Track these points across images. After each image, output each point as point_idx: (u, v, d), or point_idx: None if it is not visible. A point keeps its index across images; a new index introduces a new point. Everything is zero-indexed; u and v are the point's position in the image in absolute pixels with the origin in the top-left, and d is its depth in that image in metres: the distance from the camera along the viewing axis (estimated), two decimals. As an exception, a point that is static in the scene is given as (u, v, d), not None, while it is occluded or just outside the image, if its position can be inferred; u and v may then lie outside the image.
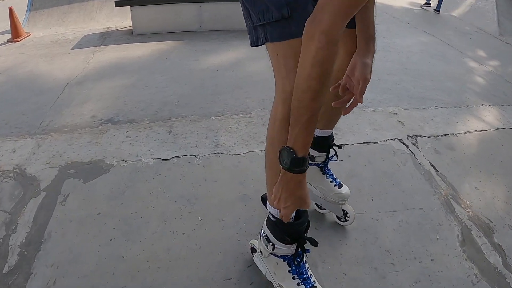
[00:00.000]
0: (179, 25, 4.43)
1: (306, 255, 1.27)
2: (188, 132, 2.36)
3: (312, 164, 1.53)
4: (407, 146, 2.25)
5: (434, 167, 2.07)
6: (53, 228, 1.63)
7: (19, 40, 4.29)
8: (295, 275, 1.25)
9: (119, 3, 4.37)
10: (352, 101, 1.26)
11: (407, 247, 1.56)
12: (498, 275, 1.46)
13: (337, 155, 1.59)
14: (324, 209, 1.69)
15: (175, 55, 3.72)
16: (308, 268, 1.28)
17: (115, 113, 2.59)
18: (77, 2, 5.12)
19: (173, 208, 1.75)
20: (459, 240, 1.61)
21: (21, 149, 2.18)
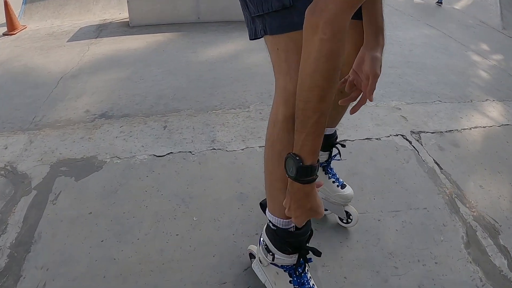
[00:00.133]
0: (177, 16, 4.34)
1: (308, 264, 1.19)
2: (183, 127, 2.29)
3: None
4: (411, 142, 2.18)
5: (438, 164, 2.00)
6: (44, 228, 1.58)
7: (15, 33, 4.20)
8: (297, 286, 1.19)
9: (115, -6, 4.28)
10: (360, 98, 1.16)
11: (410, 249, 1.50)
12: (503, 279, 1.41)
13: (340, 154, 1.52)
14: (325, 210, 1.62)
15: (172, 47, 3.64)
16: (310, 278, 1.22)
17: (109, 107, 2.52)
18: (74, -7, 5.02)
19: (167, 207, 1.69)
20: (464, 241, 1.55)
21: (13, 146, 2.12)
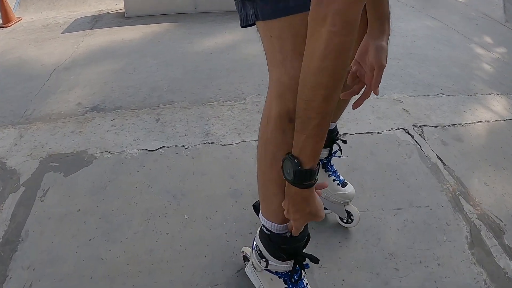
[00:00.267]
0: (174, 6, 4.23)
1: (305, 271, 1.12)
2: (177, 120, 2.22)
3: None
4: (413, 136, 2.10)
5: (441, 159, 1.93)
6: (31, 226, 1.53)
7: (10, 25, 4.10)
8: None
9: (110, -16, 4.17)
10: (363, 91, 1.07)
11: (412, 249, 1.43)
12: (508, 281, 1.34)
13: (341, 151, 1.42)
14: (325, 209, 1.54)
15: (168, 37, 3.55)
16: (307, 284, 1.14)
17: (101, 100, 2.44)
18: (69, -16, 4.89)
19: (158, 204, 1.62)
20: (468, 241, 1.48)
21: (3, 140, 2.05)
